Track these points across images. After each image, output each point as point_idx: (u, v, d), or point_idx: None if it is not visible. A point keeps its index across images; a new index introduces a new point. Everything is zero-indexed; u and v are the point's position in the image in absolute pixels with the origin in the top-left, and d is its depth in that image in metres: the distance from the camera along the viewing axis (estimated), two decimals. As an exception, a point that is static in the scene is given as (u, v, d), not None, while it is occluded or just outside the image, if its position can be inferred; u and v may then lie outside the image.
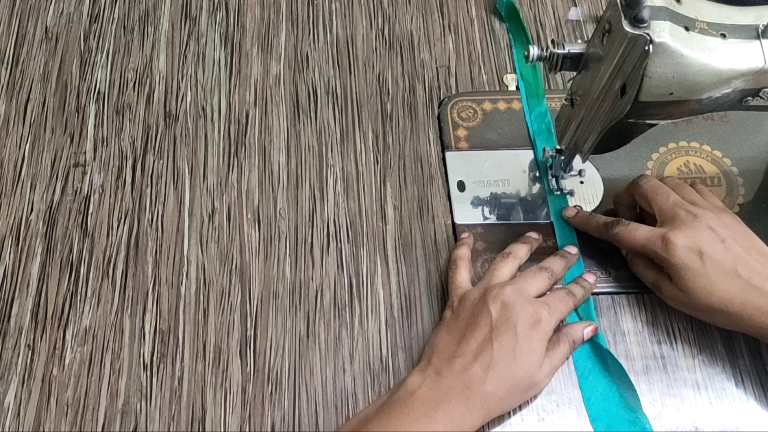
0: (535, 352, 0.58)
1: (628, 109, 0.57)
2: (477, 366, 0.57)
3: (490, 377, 0.57)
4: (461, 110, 0.77)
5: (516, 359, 0.58)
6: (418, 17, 0.83)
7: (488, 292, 0.61)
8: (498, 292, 0.60)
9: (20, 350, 0.64)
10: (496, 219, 0.71)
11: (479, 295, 0.61)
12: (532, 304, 0.60)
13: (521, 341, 0.58)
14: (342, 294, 0.67)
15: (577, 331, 0.63)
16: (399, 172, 0.74)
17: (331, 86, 0.78)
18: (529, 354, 0.58)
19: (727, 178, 0.73)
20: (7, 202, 0.71)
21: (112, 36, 0.81)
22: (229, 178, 0.73)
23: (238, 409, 0.62)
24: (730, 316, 0.59)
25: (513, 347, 0.58)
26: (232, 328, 0.65)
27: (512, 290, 0.60)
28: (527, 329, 0.58)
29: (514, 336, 0.58)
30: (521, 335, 0.58)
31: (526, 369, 0.58)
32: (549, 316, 0.60)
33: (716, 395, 0.63)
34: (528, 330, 0.58)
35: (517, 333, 0.58)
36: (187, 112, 0.76)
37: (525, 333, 0.58)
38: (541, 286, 0.63)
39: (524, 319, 0.59)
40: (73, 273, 0.67)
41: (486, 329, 0.58)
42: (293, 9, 0.83)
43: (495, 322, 0.58)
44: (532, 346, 0.58)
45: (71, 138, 0.75)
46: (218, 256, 0.68)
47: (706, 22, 0.55)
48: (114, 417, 0.61)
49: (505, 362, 0.57)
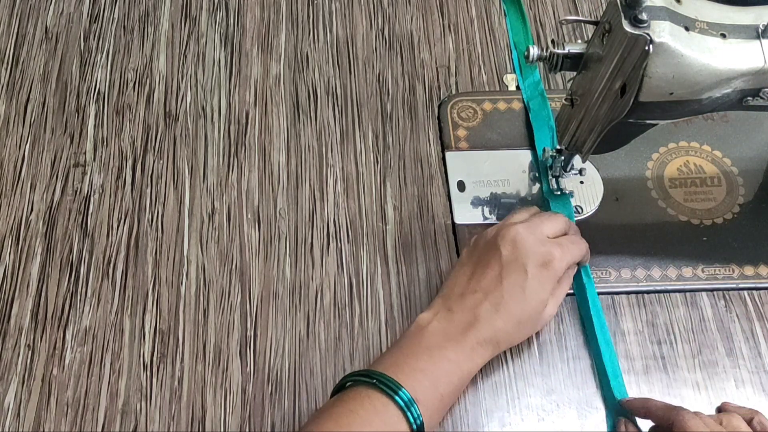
0: (544, 292, 0.60)
1: (628, 109, 0.57)
2: (487, 303, 0.58)
3: (500, 314, 0.58)
4: (461, 110, 0.77)
5: (525, 297, 0.59)
6: (418, 17, 0.83)
7: (500, 231, 0.61)
8: (509, 231, 0.61)
9: (20, 350, 0.64)
10: (496, 219, 0.71)
11: (493, 233, 0.62)
12: (544, 244, 0.60)
13: (531, 280, 0.59)
14: (342, 294, 0.67)
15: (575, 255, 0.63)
16: (399, 172, 0.74)
17: (331, 86, 0.78)
18: (538, 292, 0.59)
19: (727, 178, 0.73)
20: (7, 202, 0.71)
21: (112, 36, 0.81)
22: (229, 178, 0.73)
23: (238, 409, 0.62)
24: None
25: (522, 286, 0.59)
26: (232, 328, 0.65)
27: (524, 228, 0.61)
28: (537, 268, 0.59)
29: (523, 274, 0.59)
30: (531, 274, 0.59)
31: (534, 306, 0.59)
32: (561, 257, 0.60)
33: (716, 395, 0.63)
34: (538, 269, 0.59)
35: (527, 272, 0.59)
36: (187, 112, 0.76)
37: (535, 272, 0.59)
38: (557, 228, 0.63)
39: (534, 258, 0.59)
40: (73, 273, 0.67)
41: (497, 267, 0.60)
42: (293, 9, 0.83)
43: (505, 260, 0.59)
44: (541, 285, 0.59)
45: (71, 138, 0.75)
46: (218, 256, 0.68)
47: (706, 22, 0.55)
48: (114, 417, 0.61)
49: (514, 300, 0.59)
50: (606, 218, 0.71)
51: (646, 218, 0.71)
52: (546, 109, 0.75)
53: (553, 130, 0.73)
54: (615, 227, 0.70)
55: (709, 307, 0.67)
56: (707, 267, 0.68)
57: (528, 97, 0.77)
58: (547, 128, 0.74)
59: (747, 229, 0.70)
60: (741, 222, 0.70)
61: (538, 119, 0.75)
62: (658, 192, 0.72)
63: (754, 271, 0.68)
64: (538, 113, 0.75)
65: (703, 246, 0.69)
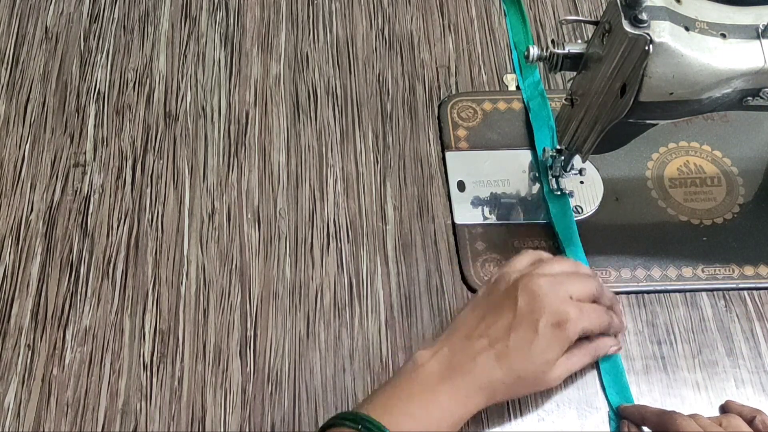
0: (551, 352, 0.57)
1: (628, 109, 0.57)
2: (491, 352, 0.56)
3: (502, 366, 0.56)
4: (461, 110, 0.77)
5: (531, 354, 0.56)
6: (418, 17, 0.83)
7: (523, 278, 0.58)
8: (531, 281, 0.58)
9: (20, 350, 0.64)
10: (496, 219, 0.71)
11: (515, 279, 0.59)
12: (563, 302, 0.57)
13: (540, 338, 0.56)
14: (342, 294, 0.67)
15: (604, 346, 0.62)
16: (399, 172, 0.74)
17: (331, 86, 0.78)
18: (545, 352, 0.57)
19: (727, 178, 0.73)
20: (7, 202, 0.71)
21: (112, 36, 0.81)
22: (229, 178, 0.73)
23: (238, 409, 0.62)
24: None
25: (530, 342, 0.56)
26: (232, 328, 0.65)
27: (547, 283, 0.58)
28: (549, 327, 0.56)
29: (534, 331, 0.56)
30: (541, 332, 0.56)
31: (538, 365, 0.57)
32: (577, 319, 0.57)
33: (716, 395, 0.63)
34: (550, 328, 0.56)
35: (538, 329, 0.56)
36: (187, 112, 0.76)
37: (546, 330, 0.56)
38: (585, 291, 0.60)
39: (549, 316, 0.56)
40: (73, 273, 0.67)
41: (509, 316, 0.57)
42: (293, 9, 0.83)
43: (519, 311, 0.57)
44: (550, 345, 0.57)
45: (71, 138, 0.75)
46: (218, 256, 0.68)
47: (706, 22, 0.55)
48: (114, 417, 0.61)
49: (519, 355, 0.56)
50: (606, 218, 0.71)
51: (646, 218, 0.71)
52: (546, 109, 0.75)
53: (553, 130, 0.73)
54: (615, 227, 0.70)
55: (709, 307, 0.67)
56: (707, 267, 0.68)
57: (528, 97, 0.77)
58: (547, 128, 0.74)
59: (747, 229, 0.70)
60: (741, 222, 0.70)
61: (538, 119, 0.75)
62: (658, 192, 0.72)
63: (754, 271, 0.68)
64: (538, 113, 0.75)
65: (703, 246, 0.69)
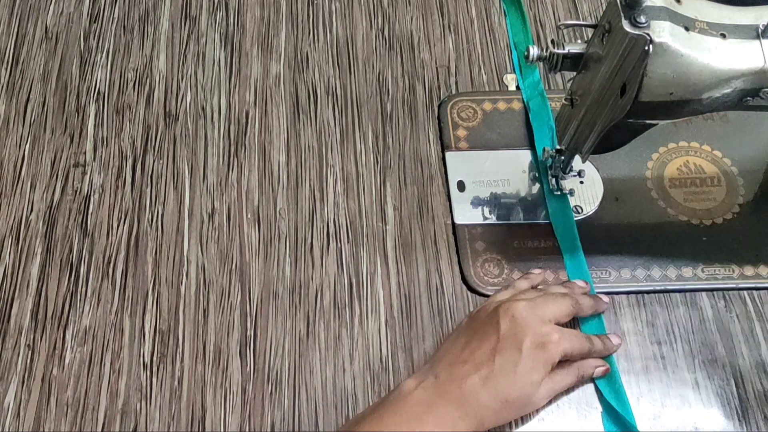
0: (536, 373, 0.58)
1: (628, 109, 0.57)
2: (476, 377, 0.57)
3: (488, 389, 0.56)
4: (461, 110, 0.77)
5: (516, 376, 0.57)
6: (418, 17, 0.83)
7: (503, 305, 0.60)
8: (511, 306, 0.59)
9: (20, 350, 0.64)
10: (495, 219, 0.71)
11: (494, 306, 0.61)
12: (544, 325, 0.59)
13: (525, 359, 0.57)
14: (342, 294, 0.67)
15: (588, 367, 0.62)
16: (399, 172, 0.74)
17: (331, 86, 0.78)
18: (530, 374, 0.58)
19: (727, 178, 0.73)
20: (7, 202, 0.71)
21: (112, 36, 0.81)
22: (229, 178, 0.73)
23: (238, 409, 0.62)
24: None
25: (515, 363, 0.57)
26: (232, 328, 0.65)
27: (526, 307, 0.59)
28: (533, 348, 0.58)
29: (518, 352, 0.57)
30: (525, 353, 0.57)
31: (523, 386, 0.58)
32: (558, 341, 0.59)
33: (716, 395, 0.63)
34: (533, 349, 0.58)
35: (522, 350, 0.57)
36: (187, 112, 0.76)
37: (529, 351, 0.58)
38: (560, 312, 0.61)
39: (532, 337, 0.58)
40: (73, 273, 0.67)
41: (493, 341, 0.58)
42: (293, 9, 0.83)
43: (502, 335, 0.58)
44: (535, 365, 0.58)
45: (71, 138, 0.75)
46: (218, 256, 0.68)
47: (706, 22, 0.55)
48: (114, 417, 0.61)
49: (505, 377, 0.57)
50: (606, 218, 0.71)
51: (646, 218, 0.71)
52: (546, 109, 0.75)
53: (553, 130, 0.73)
54: (615, 227, 0.70)
55: (709, 307, 0.67)
56: (707, 267, 0.68)
57: (528, 97, 0.77)
58: (547, 128, 0.74)
59: (747, 229, 0.70)
60: (741, 222, 0.70)
61: (538, 119, 0.75)
62: (658, 192, 0.72)
63: (754, 271, 0.68)
64: (538, 113, 0.75)
65: (703, 246, 0.69)
